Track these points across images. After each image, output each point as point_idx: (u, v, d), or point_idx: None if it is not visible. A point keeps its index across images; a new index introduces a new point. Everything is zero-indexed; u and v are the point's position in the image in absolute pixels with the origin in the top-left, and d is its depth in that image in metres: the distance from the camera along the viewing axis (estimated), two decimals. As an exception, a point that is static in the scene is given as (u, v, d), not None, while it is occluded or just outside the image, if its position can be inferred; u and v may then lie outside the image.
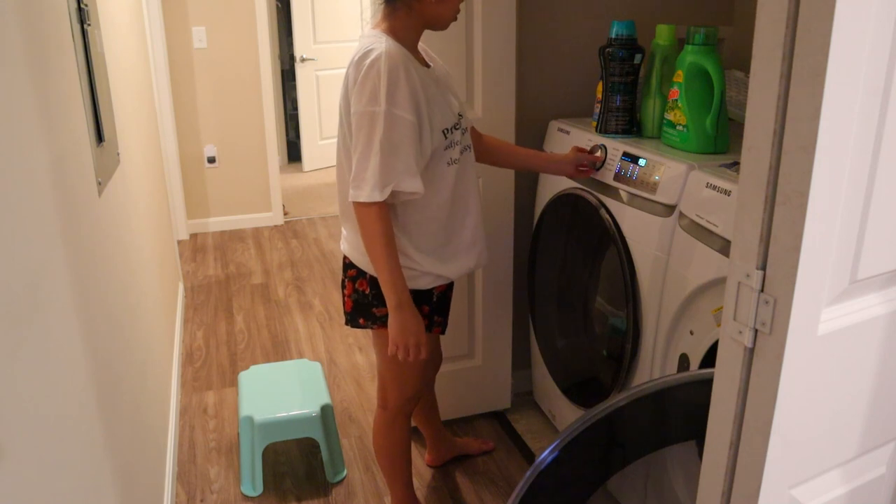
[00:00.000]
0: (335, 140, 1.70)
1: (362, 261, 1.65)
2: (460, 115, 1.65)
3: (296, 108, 5.93)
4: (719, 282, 1.49)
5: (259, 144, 4.65)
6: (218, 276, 3.94)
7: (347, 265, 1.72)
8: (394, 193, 1.50)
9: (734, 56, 2.27)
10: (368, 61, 1.46)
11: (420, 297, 1.67)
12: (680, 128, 1.77)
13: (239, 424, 2.19)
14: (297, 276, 3.94)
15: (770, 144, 0.89)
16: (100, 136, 1.62)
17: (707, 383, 1.06)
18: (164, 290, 2.74)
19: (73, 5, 1.51)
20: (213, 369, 2.94)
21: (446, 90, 1.63)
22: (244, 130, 4.60)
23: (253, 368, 2.42)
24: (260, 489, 2.18)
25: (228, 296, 3.68)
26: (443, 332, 1.83)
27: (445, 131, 1.58)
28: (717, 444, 1.05)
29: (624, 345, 1.84)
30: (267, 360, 3.00)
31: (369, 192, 1.47)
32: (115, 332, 1.56)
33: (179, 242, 4.46)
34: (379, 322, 1.69)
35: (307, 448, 2.39)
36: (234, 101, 4.53)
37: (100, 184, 1.58)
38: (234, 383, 2.82)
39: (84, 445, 1.16)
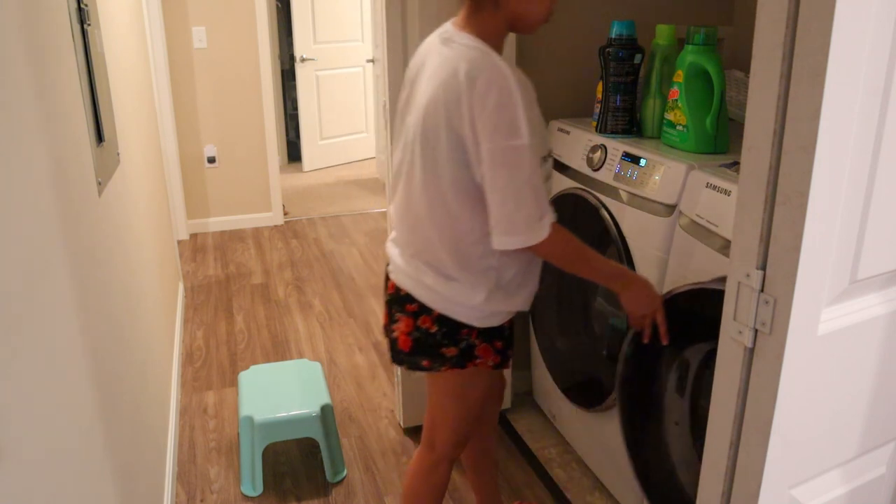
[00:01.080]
0: (335, 140, 1.65)
1: (428, 297, 1.46)
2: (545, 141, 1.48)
3: (296, 108, 5.93)
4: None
5: (259, 144, 4.65)
6: (218, 276, 3.94)
7: (403, 298, 1.49)
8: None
9: (734, 56, 2.27)
10: (484, 83, 1.27)
11: (493, 334, 1.52)
12: (680, 128, 1.77)
13: (239, 424, 2.19)
14: (297, 276, 3.94)
15: (770, 144, 0.89)
16: (100, 136, 1.62)
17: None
18: (164, 290, 2.74)
19: (73, 5, 1.51)
20: (213, 369, 2.94)
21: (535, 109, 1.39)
22: (244, 130, 4.60)
23: (253, 368, 2.42)
24: (260, 489, 2.18)
25: (228, 296, 3.68)
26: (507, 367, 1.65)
27: (542, 159, 1.40)
28: (717, 444, 1.05)
29: (624, 345, 1.83)
30: (267, 360, 3.00)
31: (537, 232, 1.33)
32: (115, 332, 1.56)
33: (179, 242, 4.46)
34: (448, 363, 1.50)
35: (307, 448, 2.39)
36: (234, 101, 4.53)
37: (100, 184, 1.58)
38: (234, 383, 2.82)
39: (84, 445, 1.16)
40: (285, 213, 4.95)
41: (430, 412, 1.64)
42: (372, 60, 5.90)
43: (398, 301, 1.51)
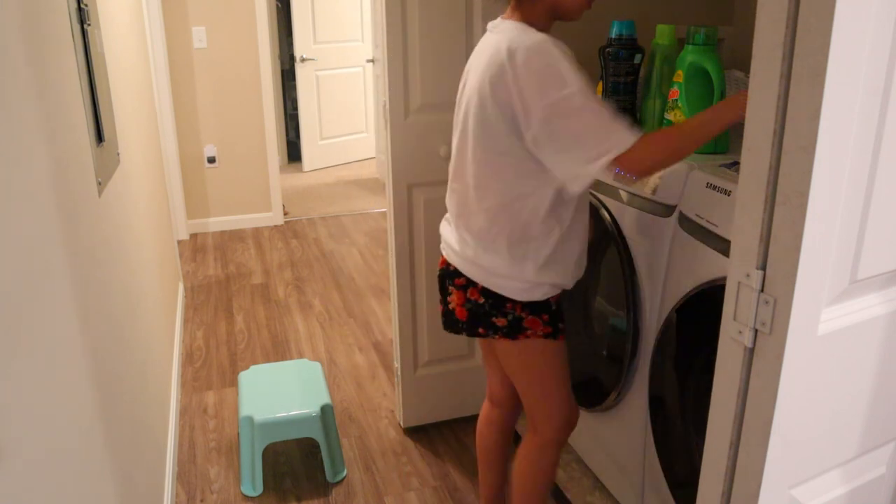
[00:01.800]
0: (335, 140, 1.67)
1: (474, 272, 1.55)
2: None
3: (296, 108, 5.93)
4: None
5: (259, 144, 4.65)
6: (218, 276, 3.94)
7: (452, 273, 1.60)
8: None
9: (734, 56, 2.27)
10: (523, 52, 1.36)
11: (538, 307, 1.56)
12: (680, 128, 1.77)
13: (239, 424, 2.19)
14: (297, 276, 3.94)
15: (770, 144, 0.89)
16: (100, 136, 1.62)
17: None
18: (164, 290, 2.74)
19: (73, 5, 1.51)
20: (213, 369, 2.94)
21: None
22: (244, 130, 4.60)
23: (253, 368, 2.42)
24: (260, 489, 2.18)
25: (228, 296, 3.68)
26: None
27: None
28: (717, 444, 1.05)
29: (624, 345, 1.83)
30: (267, 360, 3.01)
31: (623, 141, 1.34)
32: (115, 332, 1.56)
33: (179, 242, 4.46)
34: (501, 332, 1.56)
35: (307, 448, 2.39)
36: (234, 101, 4.53)
37: (100, 184, 1.58)
38: (234, 383, 2.82)
39: (84, 445, 1.16)
40: (285, 213, 4.95)
41: (522, 395, 1.68)
42: (372, 60, 5.90)
43: (449, 275, 1.62)
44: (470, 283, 1.57)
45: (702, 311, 1.54)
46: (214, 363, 2.99)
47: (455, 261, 1.59)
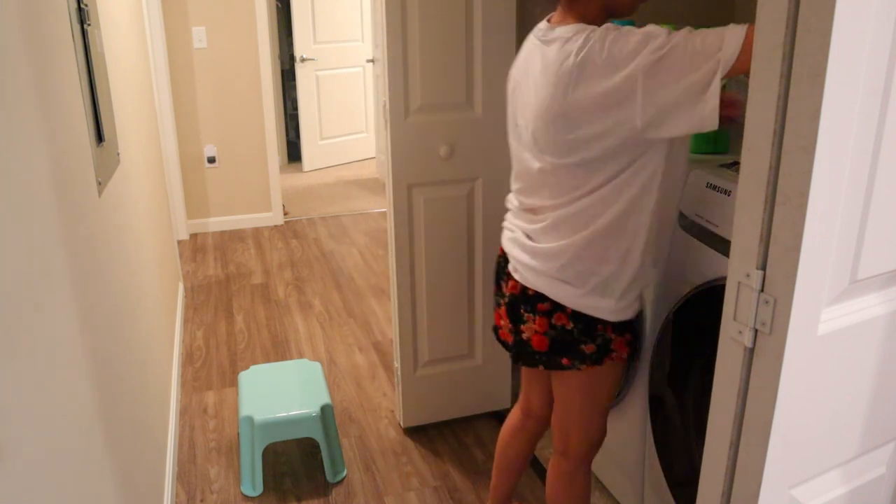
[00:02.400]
0: (335, 140, 1.66)
1: (560, 293, 1.44)
2: None
3: (296, 108, 5.93)
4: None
5: (259, 144, 4.65)
6: (218, 276, 3.94)
7: (533, 297, 1.47)
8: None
9: (734, 56, 2.27)
10: (595, 41, 1.29)
11: (625, 326, 1.48)
12: (680, 128, 1.77)
13: (239, 424, 2.19)
14: (297, 276, 3.94)
15: (770, 144, 0.89)
16: (100, 136, 1.62)
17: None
18: (164, 290, 2.74)
19: (73, 5, 1.51)
20: (213, 369, 2.94)
21: None
22: (244, 130, 4.60)
23: (253, 368, 2.42)
24: (260, 489, 2.18)
25: (228, 296, 3.68)
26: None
27: None
28: (717, 444, 1.05)
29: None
30: (267, 360, 3.01)
31: (721, 67, 1.22)
32: (115, 333, 1.56)
33: (179, 242, 4.46)
34: (588, 360, 1.47)
35: (307, 448, 2.39)
36: (234, 101, 4.53)
37: (100, 184, 1.58)
38: (234, 383, 2.82)
39: (84, 445, 1.16)
40: (285, 213, 4.95)
41: (561, 416, 1.61)
42: (372, 60, 5.90)
43: (526, 301, 1.49)
44: (557, 308, 1.45)
45: (702, 311, 1.54)
46: (214, 363, 2.99)
47: (537, 284, 1.47)
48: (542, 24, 1.44)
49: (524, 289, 1.49)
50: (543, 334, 1.48)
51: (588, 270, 1.43)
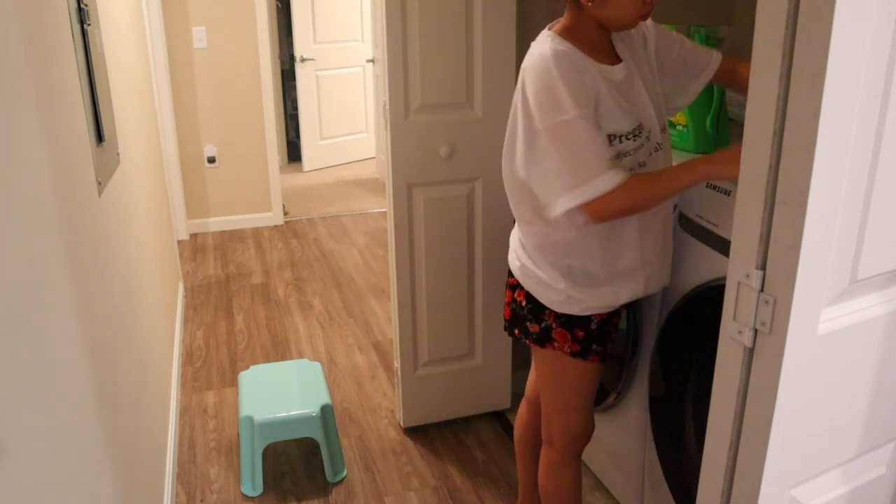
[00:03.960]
0: (335, 140, 1.67)
1: (517, 272, 1.58)
2: (640, 124, 1.44)
3: (296, 108, 5.93)
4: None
5: (259, 144, 4.65)
6: (218, 276, 3.94)
7: (510, 272, 1.64)
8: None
9: (734, 56, 2.27)
10: (531, 72, 1.39)
11: (573, 322, 1.53)
12: (680, 127, 1.77)
13: (239, 424, 2.19)
14: (297, 276, 3.94)
15: (770, 144, 0.89)
16: (100, 136, 1.62)
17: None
18: (164, 290, 2.74)
19: (73, 5, 1.51)
20: (213, 369, 2.94)
21: (629, 93, 1.43)
22: (244, 130, 4.60)
23: (253, 368, 2.42)
24: (260, 489, 2.18)
25: (228, 296, 3.68)
26: (602, 361, 1.60)
27: (611, 137, 1.39)
28: (717, 444, 1.05)
29: (624, 345, 1.83)
30: (267, 360, 3.01)
31: (594, 186, 1.34)
32: (116, 332, 1.56)
33: (179, 242, 4.46)
34: (531, 337, 1.58)
35: (307, 448, 2.39)
36: (234, 101, 4.53)
37: (100, 184, 1.58)
38: (234, 383, 2.82)
39: (84, 445, 1.16)
40: (285, 213, 4.95)
41: (543, 408, 1.68)
42: (372, 60, 5.90)
43: (508, 273, 1.65)
44: (518, 286, 1.59)
45: (701, 311, 1.54)
46: (214, 363, 2.99)
47: (510, 261, 1.63)
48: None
49: (509, 264, 1.64)
50: (507, 305, 1.65)
51: (545, 260, 1.51)
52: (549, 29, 1.44)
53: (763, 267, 0.92)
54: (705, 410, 1.08)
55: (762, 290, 0.93)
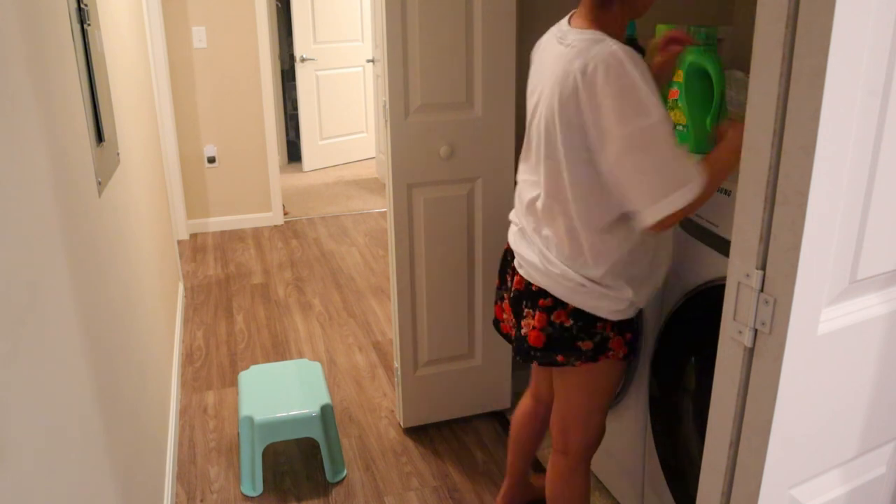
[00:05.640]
0: (335, 140, 1.65)
1: (561, 291, 1.45)
2: None
3: (296, 108, 5.93)
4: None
5: (259, 144, 4.65)
6: (218, 276, 3.94)
7: (535, 293, 1.49)
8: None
9: (734, 56, 2.27)
10: (601, 72, 1.28)
11: (624, 326, 1.50)
12: (680, 128, 1.77)
13: (239, 424, 2.19)
14: (297, 276, 3.94)
15: (770, 144, 0.89)
16: (100, 136, 1.62)
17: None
18: (164, 290, 2.74)
19: (73, 5, 1.51)
20: (213, 369, 2.94)
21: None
22: (244, 130, 4.60)
23: (253, 368, 2.42)
24: (260, 489, 2.18)
25: (228, 296, 3.68)
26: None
27: None
28: (717, 444, 1.05)
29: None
30: (267, 359, 3.00)
31: (668, 203, 1.28)
32: (115, 333, 1.56)
33: (179, 242, 4.46)
34: (583, 357, 1.48)
35: (307, 448, 2.39)
36: (234, 101, 4.53)
37: (100, 184, 1.58)
38: (234, 383, 2.82)
39: (84, 445, 1.16)
40: (285, 213, 4.95)
41: (560, 414, 1.62)
42: (372, 60, 5.90)
43: (529, 296, 1.50)
44: (558, 305, 1.46)
45: (701, 311, 1.54)
46: (214, 363, 2.99)
47: (542, 281, 1.48)
48: (563, 24, 1.44)
49: (528, 284, 1.50)
50: (541, 330, 1.49)
51: (613, 271, 1.44)
52: (579, 26, 1.37)
53: (763, 267, 0.92)
54: (705, 410, 1.08)
55: (762, 291, 0.93)
